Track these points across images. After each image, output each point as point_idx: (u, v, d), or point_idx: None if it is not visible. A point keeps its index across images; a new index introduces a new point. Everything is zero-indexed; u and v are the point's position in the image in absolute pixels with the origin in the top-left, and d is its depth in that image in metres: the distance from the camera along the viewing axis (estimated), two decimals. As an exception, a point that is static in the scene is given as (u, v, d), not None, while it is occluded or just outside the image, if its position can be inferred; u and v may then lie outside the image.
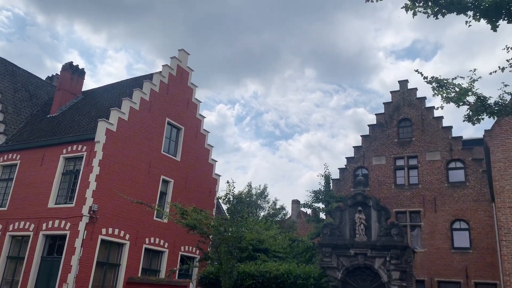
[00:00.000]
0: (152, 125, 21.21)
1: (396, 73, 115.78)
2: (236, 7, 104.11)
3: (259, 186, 42.53)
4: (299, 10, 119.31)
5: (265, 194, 42.36)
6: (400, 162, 25.15)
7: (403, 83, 26.86)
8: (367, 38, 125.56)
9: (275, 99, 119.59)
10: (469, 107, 7.78)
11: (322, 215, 25.41)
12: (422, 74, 8.32)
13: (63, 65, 24.80)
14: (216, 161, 25.17)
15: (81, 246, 16.85)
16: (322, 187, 24.50)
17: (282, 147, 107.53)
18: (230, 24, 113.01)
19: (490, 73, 7.82)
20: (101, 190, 17.95)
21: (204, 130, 24.93)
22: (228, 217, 15.01)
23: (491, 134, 15.65)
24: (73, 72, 24.81)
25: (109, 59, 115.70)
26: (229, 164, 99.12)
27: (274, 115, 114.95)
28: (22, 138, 22.00)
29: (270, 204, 42.16)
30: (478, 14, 6.63)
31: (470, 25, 6.84)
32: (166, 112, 22.25)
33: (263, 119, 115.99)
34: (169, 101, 22.59)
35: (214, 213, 23.23)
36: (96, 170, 17.93)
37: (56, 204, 18.59)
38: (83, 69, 25.35)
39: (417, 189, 24.00)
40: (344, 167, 26.58)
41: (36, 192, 19.20)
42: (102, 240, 17.81)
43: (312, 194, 24.42)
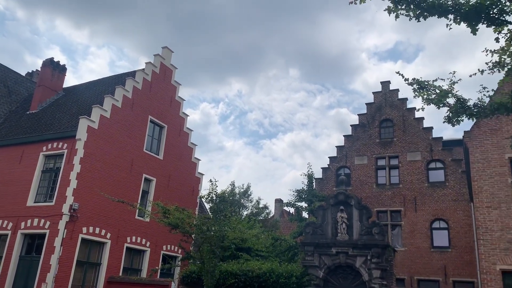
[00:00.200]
0: (135, 123, 21.00)
1: (379, 74, 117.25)
2: (220, 6, 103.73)
3: (243, 185, 42.49)
4: (284, 10, 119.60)
5: (248, 193, 42.34)
6: (382, 162, 25.46)
7: (385, 84, 27.18)
8: (351, 39, 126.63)
9: (259, 98, 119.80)
10: (449, 109, 7.94)
11: (305, 214, 25.57)
12: (404, 76, 8.44)
13: (44, 61, 24.34)
14: (200, 160, 25.08)
15: (61, 245, 16.59)
16: (305, 186, 24.65)
17: (266, 146, 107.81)
18: (215, 22, 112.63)
19: (470, 76, 7.98)
20: (82, 189, 17.71)
21: (188, 129, 24.79)
22: (211, 216, 14.99)
23: (470, 135, 15.96)
24: (54, 68, 24.37)
25: (91, 56, 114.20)
26: (213, 163, 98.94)
27: (258, 114, 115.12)
28: (1, 135, 21.53)
29: (253, 203, 42.15)
30: (459, 18, 6.76)
31: (451, 28, 6.97)
32: (149, 110, 22.06)
33: (247, 118, 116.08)
34: (152, 99, 22.40)
35: (197, 212, 23.15)
36: (77, 168, 17.69)
37: (36, 203, 18.28)
38: (64, 65, 24.93)
39: (398, 189, 24.32)
40: (327, 167, 26.78)
41: (15, 190, 18.82)
42: (83, 239, 17.58)
43: (295, 193, 24.57)
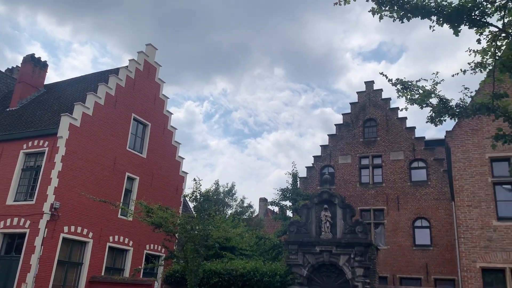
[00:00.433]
0: (118, 121, 20.76)
1: (363, 75, 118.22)
2: (206, 4, 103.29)
3: (227, 184, 42.45)
4: (269, 10, 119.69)
5: (233, 192, 42.30)
6: (365, 161, 25.66)
7: (369, 84, 27.39)
8: (335, 40, 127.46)
9: (244, 97, 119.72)
10: (432, 109, 8.03)
11: (289, 213, 25.61)
12: (387, 77, 8.49)
13: (24, 57, 23.90)
14: (184, 159, 24.93)
15: (42, 245, 16.32)
16: (290, 185, 24.67)
17: (251, 145, 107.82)
18: (199, 20, 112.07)
19: (453, 75, 8.09)
20: (64, 187, 17.44)
21: (172, 127, 24.60)
22: (195, 215, 14.89)
23: (452, 135, 16.18)
24: (35, 65, 23.94)
25: (74, 53, 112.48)
26: (197, 162, 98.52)
27: (243, 113, 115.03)
28: (-21, 132, 21.04)
29: (238, 202, 42.13)
30: (441, 19, 6.82)
31: (434, 29, 7.04)
32: (132, 108, 21.83)
33: (232, 117, 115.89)
34: (136, 97, 22.17)
35: (181, 211, 23.01)
36: (59, 166, 17.43)
37: (15, 201, 17.98)
38: (46, 62, 24.51)
39: (381, 188, 24.56)
40: (311, 166, 26.88)
41: (-6, 189, 18.45)
42: (64, 239, 17.33)
43: (280, 192, 24.57)
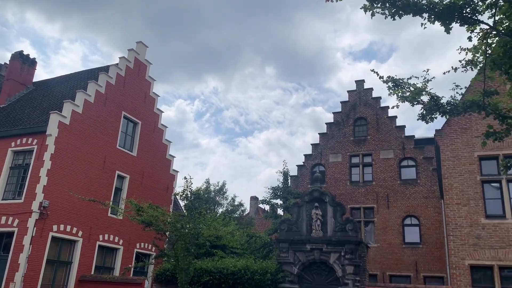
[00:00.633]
0: (108, 119, 20.59)
1: (353, 74, 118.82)
2: (197, 2, 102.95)
3: (218, 183, 42.49)
4: (260, 8, 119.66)
5: (224, 191, 42.31)
6: (356, 160, 25.78)
7: (360, 83, 27.52)
8: (326, 39, 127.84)
9: (235, 96, 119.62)
10: (423, 106, 8.10)
11: (280, 211, 25.65)
12: (378, 74, 8.54)
13: (13, 54, 23.64)
14: (174, 157, 24.82)
15: (30, 244, 16.14)
16: (281, 184, 24.70)
17: (242, 144, 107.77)
18: (191, 19, 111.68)
19: (444, 73, 8.16)
20: (53, 185, 17.27)
21: (162, 125, 24.47)
22: (186, 214, 14.83)
23: (442, 134, 16.31)
24: (24, 62, 23.67)
25: (64, 50, 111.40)
26: (188, 160, 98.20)
27: (234, 112, 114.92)
28: (-34, 130, 20.73)
29: (229, 201, 42.17)
30: (433, 17, 6.87)
31: (426, 27, 7.08)
32: (123, 106, 21.67)
33: (223, 116, 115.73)
34: (126, 95, 22.01)
35: (171, 210, 22.91)
36: (48, 165, 17.25)
37: (3, 200, 17.78)
38: (35, 59, 24.25)
39: (371, 186, 24.69)
40: (302, 164, 26.94)
41: (-19, 187, 18.19)
42: (53, 237, 17.17)
43: (271, 191, 24.59)
